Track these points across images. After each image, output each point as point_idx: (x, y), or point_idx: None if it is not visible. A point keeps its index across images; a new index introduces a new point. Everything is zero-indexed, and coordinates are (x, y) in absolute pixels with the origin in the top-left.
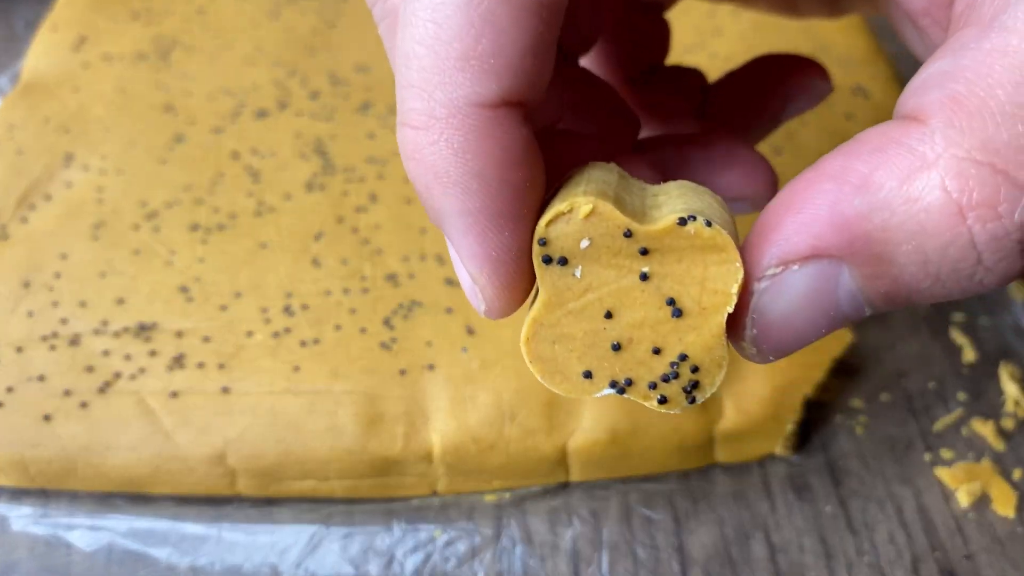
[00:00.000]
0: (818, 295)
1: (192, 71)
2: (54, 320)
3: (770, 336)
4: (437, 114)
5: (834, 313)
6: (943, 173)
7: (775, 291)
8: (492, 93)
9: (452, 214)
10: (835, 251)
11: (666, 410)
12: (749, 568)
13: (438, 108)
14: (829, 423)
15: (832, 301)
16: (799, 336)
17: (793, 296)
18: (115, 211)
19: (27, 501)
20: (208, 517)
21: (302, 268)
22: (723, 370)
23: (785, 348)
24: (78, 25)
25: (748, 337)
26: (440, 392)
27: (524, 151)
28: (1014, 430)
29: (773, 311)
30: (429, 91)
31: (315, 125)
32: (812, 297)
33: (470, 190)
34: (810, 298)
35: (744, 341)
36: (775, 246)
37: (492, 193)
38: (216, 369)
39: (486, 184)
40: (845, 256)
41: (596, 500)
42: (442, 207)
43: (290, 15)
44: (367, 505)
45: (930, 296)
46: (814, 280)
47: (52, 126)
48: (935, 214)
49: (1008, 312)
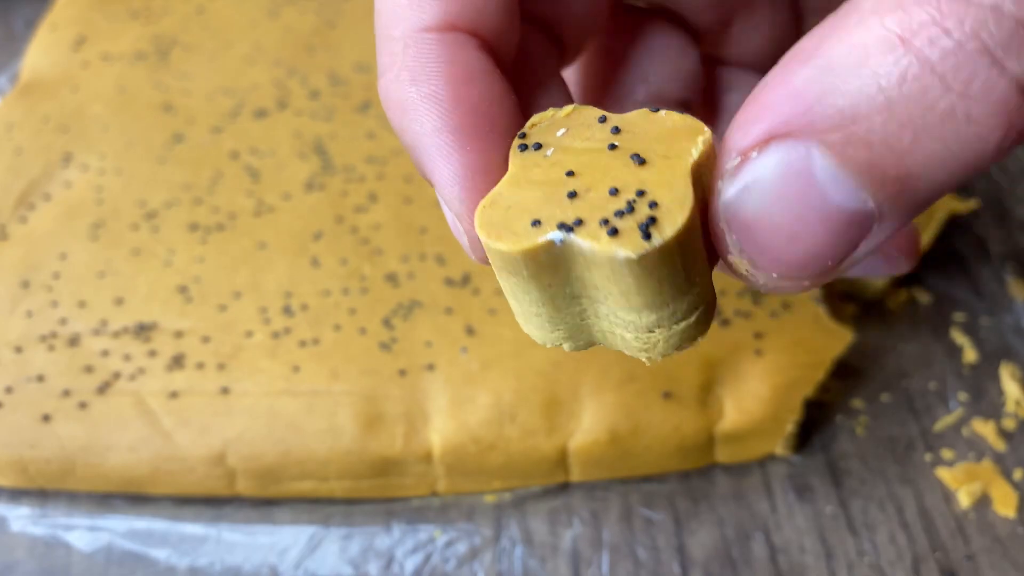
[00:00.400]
0: (790, 182)
1: (191, 70)
2: (53, 320)
3: (757, 242)
4: (395, 51)
5: (821, 203)
6: (881, 16)
7: (741, 185)
8: (436, 18)
9: (419, 142)
10: (793, 128)
11: (619, 247)
12: (750, 569)
13: (396, 46)
14: (830, 423)
15: (812, 188)
16: (796, 240)
17: (763, 188)
18: (114, 211)
19: (26, 501)
20: (207, 517)
21: (301, 268)
22: (686, 211)
23: (789, 261)
24: (77, 24)
25: (732, 247)
26: (440, 392)
27: (477, 71)
28: (1015, 430)
29: (746, 209)
30: (388, 35)
31: (314, 125)
32: (784, 185)
33: (428, 111)
34: (782, 187)
35: (731, 255)
36: (731, 140)
37: (447, 110)
38: (215, 369)
39: (439, 103)
40: (805, 130)
41: (596, 501)
42: (412, 140)
43: (289, 14)
44: (367, 506)
45: (928, 161)
46: (780, 165)
47: (51, 125)
48: (877, 51)
49: (1009, 312)
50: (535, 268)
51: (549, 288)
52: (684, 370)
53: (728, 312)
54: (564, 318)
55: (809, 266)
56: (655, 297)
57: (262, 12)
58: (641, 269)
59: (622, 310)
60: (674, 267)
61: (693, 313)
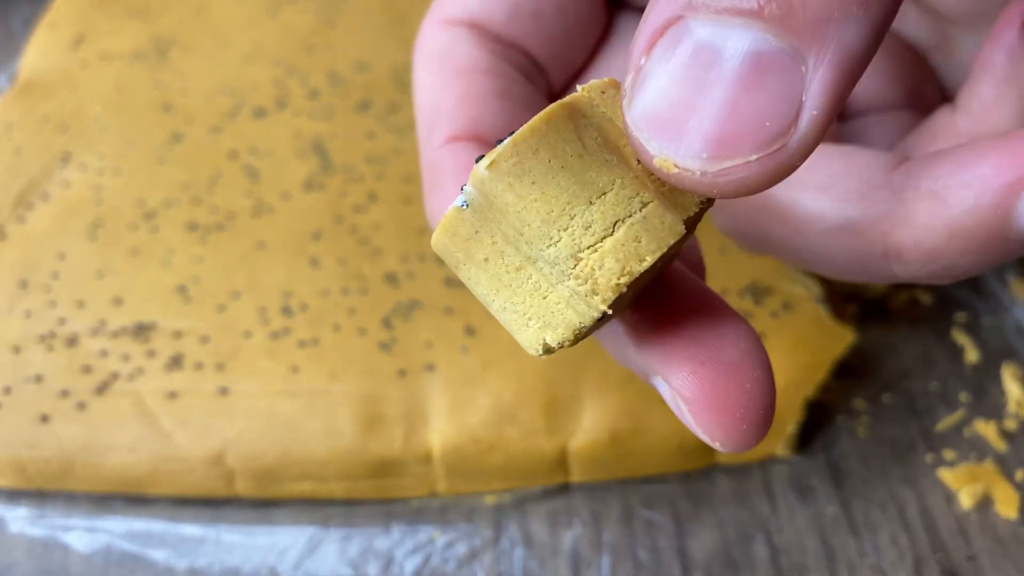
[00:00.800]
0: (675, 54)
1: (190, 70)
2: (52, 320)
3: (666, 123)
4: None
5: (713, 58)
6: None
7: (638, 86)
8: (453, 14)
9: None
10: (671, 17)
11: (485, 159)
12: (751, 570)
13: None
14: (831, 424)
15: (701, 49)
16: (705, 104)
17: (656, 73)
18: (113, 211)
19: (24, 502)
20: (206, 518)
21: (300, 268)
22: (547, 112)
23: (709, 130)
24: (76, 23)
25: (648, 145)
26: (439, 393)
27: (469, 62)
28: (1017, 431)
29: (646, 98)
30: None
31: (314, 124)
32: (673, 60)
33: (427, 80)
34: (672, 64)
35: (655, 158)
36: (628, 59)
37: (436, 85)
38: (214, 370)
39: (433, 75)
40: (682, 10)
41: (597, 502)
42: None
43: (289, 14)
44: (366, 506)
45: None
46: (664, 48)
47: (50, 125)
48: None
49: (1011, 313)
50: (463, 245)
51: (488, 264)
52: None
53: None
54: (524, 299)
55: (744, 134)
56: (557, 198)
57: (261, 11)
58: (512, 167)
59: (543, 244)
60: (560, 155)
61: (628, 216)
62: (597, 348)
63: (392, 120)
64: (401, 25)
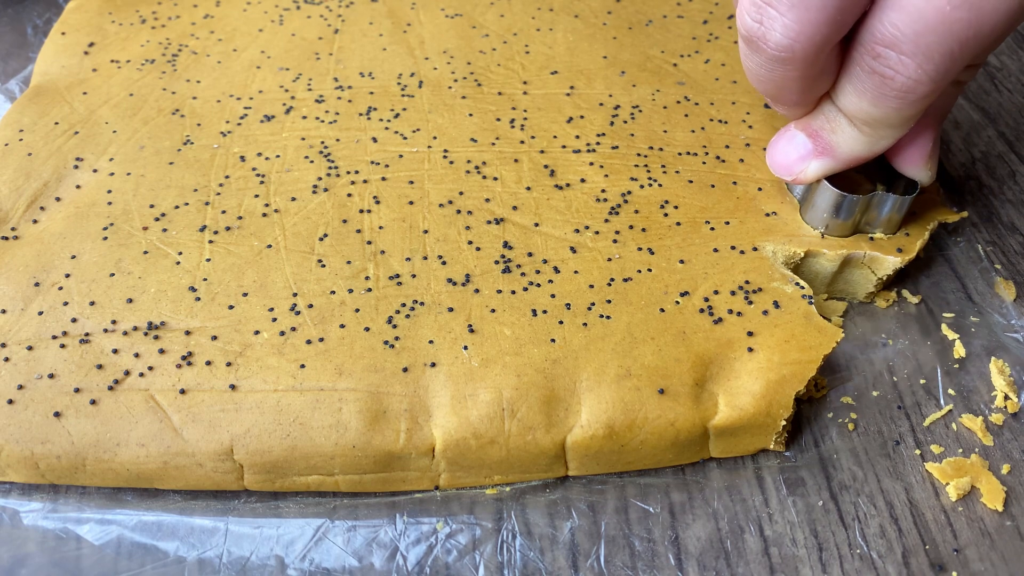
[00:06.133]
0: None
1: (199, 75)
2: (64, 319)
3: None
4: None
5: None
6: None
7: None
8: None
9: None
10: None
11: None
12: (743, 560)
13: None
14: (821, 419)
15: None
16: None
17: None
18: (124, 212)
19: (37, 496)
20: (215, 511)
21: (307, 268)
22: None
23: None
24: (87, 30)
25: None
26: (442, 389)
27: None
28: (1002, 426)
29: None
30: None
31: (320, 129)
32: None
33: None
34: None
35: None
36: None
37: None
38: (224, 367)
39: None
40: None
41: (594, 494)
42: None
43: (296, 22)
44: (371, 499)
45: None
46: None
47: (61, 129)
48: None
49: (996, 310)
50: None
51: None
52: (679, 367)
53: (721, 311)
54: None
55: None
56: None
57: (269, 19)
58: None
59: None
60: None
61: None
62: (595, 345)
63: (395, 125)
64: (405, 33)
